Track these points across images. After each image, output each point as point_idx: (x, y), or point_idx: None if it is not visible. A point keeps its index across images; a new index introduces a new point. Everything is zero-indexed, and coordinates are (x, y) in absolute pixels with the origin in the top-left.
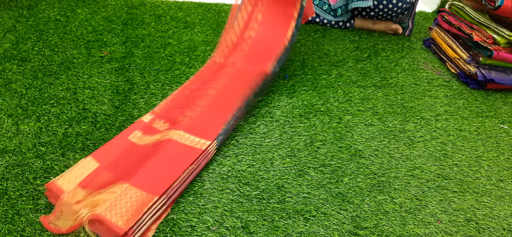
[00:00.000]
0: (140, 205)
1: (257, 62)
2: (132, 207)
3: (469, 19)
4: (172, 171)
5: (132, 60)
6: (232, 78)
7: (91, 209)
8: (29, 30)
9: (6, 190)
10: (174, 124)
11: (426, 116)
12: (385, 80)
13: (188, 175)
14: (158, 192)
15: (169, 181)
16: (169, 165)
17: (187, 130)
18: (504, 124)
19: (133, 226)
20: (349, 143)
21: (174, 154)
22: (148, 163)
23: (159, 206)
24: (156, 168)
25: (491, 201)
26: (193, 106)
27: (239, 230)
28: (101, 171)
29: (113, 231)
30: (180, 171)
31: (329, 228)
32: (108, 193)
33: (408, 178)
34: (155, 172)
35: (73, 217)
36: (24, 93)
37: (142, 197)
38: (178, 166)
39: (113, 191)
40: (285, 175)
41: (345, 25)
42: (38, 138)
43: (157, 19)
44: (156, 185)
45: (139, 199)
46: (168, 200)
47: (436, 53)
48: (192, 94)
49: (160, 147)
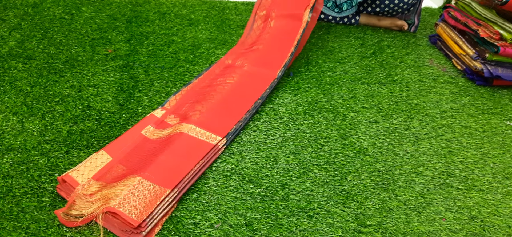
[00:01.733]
0: (152, 198)
1: (265, 67)
2: (145, 200)
3: (476, 15)
4: (183, 164)
5: (136, 58)
6: (243, 80)
7: (104, 202)
8: (34, 28)
9: (11, 187)
10: (185, 119)
11: (431, 113)
12: (390, 77)
13: (198, 170)
14: (171, 185)
15: (181, 174)
16: (181, 158)
17: (198, 124)
18: (510, 121)
19: (146, 218)
20: (354, 140)
21: (185, 148)
22: (160, 157)
23: (171, 200)
24: (168, 162)
25: (497, 199)
26: (204, 102)
27: (242, 227)
28: (115, 165)
29: (127, 223)
30: (191, 165)
31: (333, 226)
32: (121, 186)
33: (413, 175)
34: (167, 165)
35: (87, 210)
36: (29, 91)
37: (154, 190)
38: (189, 160)
39: (126, 184)
40: (289, 172)
41: (350, 22)
42: (43, 135)
43: (162, 16)
44: (168, 178)
45: (151, 192)
46: (179, 194)
47: (442, 50)
48: (202, 90)
49: (172, 141)
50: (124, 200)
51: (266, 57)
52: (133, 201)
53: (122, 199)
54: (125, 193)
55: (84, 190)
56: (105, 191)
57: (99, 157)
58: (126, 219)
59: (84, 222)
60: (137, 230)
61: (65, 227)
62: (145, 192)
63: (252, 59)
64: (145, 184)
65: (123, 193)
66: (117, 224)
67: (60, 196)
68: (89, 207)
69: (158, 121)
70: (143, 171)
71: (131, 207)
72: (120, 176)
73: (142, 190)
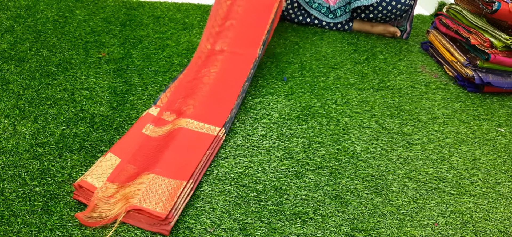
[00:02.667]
0: (171, 191)
1: (244, 47)
2: (164, 193)
3: (467, 23)
4: (191, 157)
5: (130, 61)
6: (226, 66)
7: (126, 202)
8: (27, 30)
9: (2, 190)
10: (180, 114)
11: (424, 119)
12: (382, 82)
13: (207, 159)
14: (185, 177)
15: (192, 165)
16: (187, 152)
17: (195, 118)
18: (501, 127)
19: (171, 209)
20: (347, 145)
21: (188, 142)
22: (166, 152)
23: (189, 190)
24: (175, 156)
25: (488, 204)
26: (194, 95)
27: (236, 232)
28: (125, 165)
29: (155, 216)
30: (200, 155)
31: (327, 230)
32: (137, 184)
33: (406, 180)
34: (175, 160)
35: (111, 211)
36: (21, 94)
37: (170, 183)
38: (196, 151)
39: (142, 182)
40: (282, 177)
41: (344, 28)
42: (35, 138)
43: (156, 20)
44: (181, 171)
45: (168, 186)
46: (194, 184)
47: (433, 56)
48: (190, 84)
49: (173, 137)
50: (144, 196)
51: (243, 35)
52: (153, 196)
53: (141, 196)
54: (142, 190)
55: (103, 193)
56: (123, 191)
57: (108, 159)
58: (153, 213)
59: (108, 221)
60: (165, 221)
61: (57, 231)
62: (162, 186)
63: (230, 40)
64: (159, 180)
65: (141, 191)
66: (143, 219)
67: (53, 200)
68: (112, 208)
69: (156, 119)
70: (153, 168)
71: (152, 202)
72: (133, 175)
73: (158, 185)
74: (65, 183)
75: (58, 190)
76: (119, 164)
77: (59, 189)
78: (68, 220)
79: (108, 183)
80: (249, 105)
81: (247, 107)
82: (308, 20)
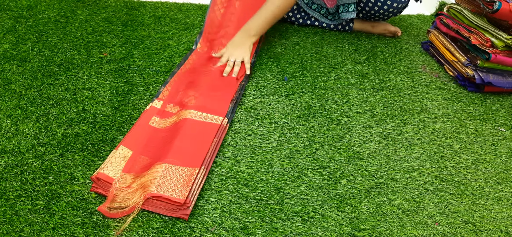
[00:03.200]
0: (185, 178)
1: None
2: (179, 180)
3: (467, 22)
4: (200, 145)
5: (131, 61)
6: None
7: (143, 190)
8: (29, 30)
9: (4, 190)
10: (183, 106)
11: (424, 119)
12: (383, 82)
13: (215, 147)
14: (197, 164)
15: (202, 153)
16: (195, 140)
17: (198, 108)
18: (502, 127)
19: (188, 195)
20: (348, 145)
21: (194, 131)
22: (175, 142)
23: (202, 176)
24: (184, 146)
25: (489, 204)
26: (195, 87)
27: (237, 231)
28: (137, 156)
29: (173, 202)
30: (208, 143)
31: (327, 230)
32: (151, 173)
33: (406, 180)
34: (185, 148)
35: (130, 201)
36: (23, 94)
37: (183, 171)
38: (203, 140)
39: (156, 171)
40: (283, 176)
41: (344, 28)
42: (37, 138)
43: (157, 20)
44: (193, 158)
45: (182, 173)
46: (206, 170)
47: (434, 56)
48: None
49: (180, 127)
50: (159, 184)
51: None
52: (168, 184)
53: (157, 184)
54: (158, 179)
55: (121, 183)
56: (139, 181)
57: (121, 152)
58: (171, 199)
59: (128, 212)
60: (183, 206)
61: (59, 231)
62: (176, 174)
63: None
64: (172, 168)
65: (156, 179)
66: (162, 205)
67: (55, 199)
68: (131, 197)
69: (160, 111)
70: (165, 157)
71: (169, 189)
72: (146, 165)
73: (172, 173)
74: (67, 183)
75: (60, 190)
76: (132, 155)
77: (61, 189)
78: (70, 219)
79: (124, 174)
80: (250, 104)
81: (248, 107)
82: (308, 23)
